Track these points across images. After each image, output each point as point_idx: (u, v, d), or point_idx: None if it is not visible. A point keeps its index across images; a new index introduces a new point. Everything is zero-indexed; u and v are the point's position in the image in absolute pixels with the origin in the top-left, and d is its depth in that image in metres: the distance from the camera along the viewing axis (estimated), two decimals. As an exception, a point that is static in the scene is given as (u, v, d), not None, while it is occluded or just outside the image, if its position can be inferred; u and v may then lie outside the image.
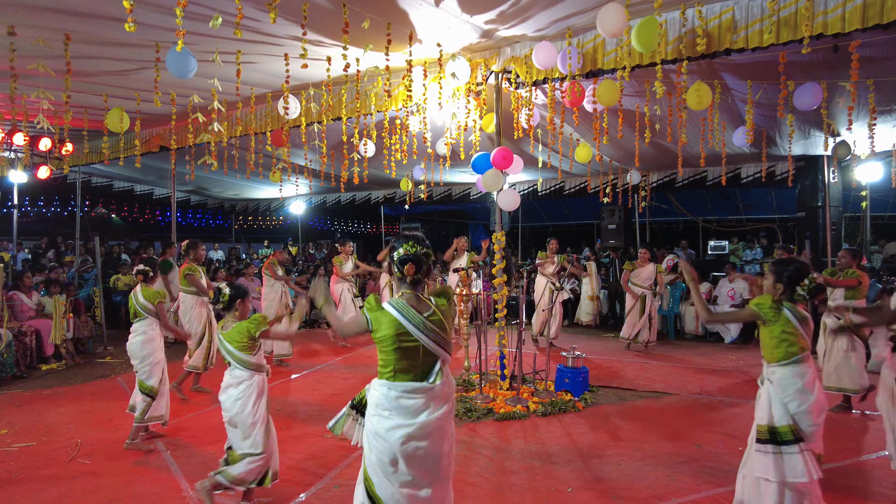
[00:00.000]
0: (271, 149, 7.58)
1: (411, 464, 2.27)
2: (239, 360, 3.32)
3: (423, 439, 2.27)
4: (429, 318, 2.34)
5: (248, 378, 3.32)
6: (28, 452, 4.30)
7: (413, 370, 2.33)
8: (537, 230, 18.21)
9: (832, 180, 8.51)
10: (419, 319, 2.32)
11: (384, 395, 2.33)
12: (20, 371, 6.73)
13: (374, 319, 2.35)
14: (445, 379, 2.37)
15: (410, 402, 2.30)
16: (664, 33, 4.39)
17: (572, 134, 7.67)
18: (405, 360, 2.32)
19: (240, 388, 3.30)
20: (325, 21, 4.58)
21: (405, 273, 2.38)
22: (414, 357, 2.32)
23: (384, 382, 2.35)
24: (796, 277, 2.81)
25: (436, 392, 2.33)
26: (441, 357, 2.37)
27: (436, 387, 2.33)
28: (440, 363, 2.37)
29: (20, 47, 4.59)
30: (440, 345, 2.35)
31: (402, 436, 2.26)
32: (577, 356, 5.73)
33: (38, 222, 15.08)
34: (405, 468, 2.27)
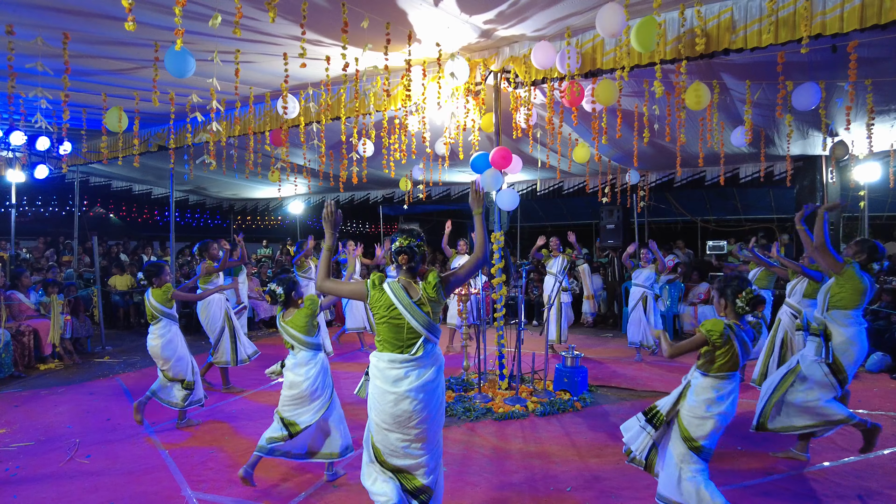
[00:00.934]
0: (270, 148, 7.58)
1: (397, 423, 2.66)
2: (302, 342, 3.62)
3: (406, 404, 2.63)
4: (416, 302, 2.68)
5: (313, 357, 3.65)
6: (26, 452, 4.30)
7: (398, 343, 2.69)
8: (536, 230, 18.19)
9: (830, 180, 8.53)
10: (408, 301, 2.67)
11: (374, 364, 2.75)
12: (18, 371, 6.72)
13: (372, 295, 2.75)
14: (427, 353, 2.69)
15: (393, 371, 2.67)
16: (663, 33, 4.39)
17: (571, 134, 7.67)
18: (391, 334, 2.69)
19: (308, 367, 3.62)
20: (324, 20, 4.58)
21: (400, 262, 2.77)
22: (399, 333, 2.68)
23: (376, 353, 2.77)
24: (736, 291, 2.97)
25: (416, 364, 2.67)
26: (423, 335, 2.68)
27: (416, 359, 2.67)
28: (422, 340, 2.69)
29: (18, 46, 4.58)
30: (423, 325, 2.67)
31: (388, 401, 2.65)
32: (576, 356, 5.73)
33: (37, 222, 15.03)
34: (393, 426, 2.67)
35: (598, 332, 9.84)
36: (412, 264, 2.76)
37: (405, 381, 2.65)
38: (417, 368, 2.67)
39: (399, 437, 2.69)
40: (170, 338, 4.68)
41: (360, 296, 2.81)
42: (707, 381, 2.98)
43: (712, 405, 2.92)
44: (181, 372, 4.71)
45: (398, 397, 2.64)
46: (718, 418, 2.91)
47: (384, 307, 2.69)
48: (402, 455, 2.70)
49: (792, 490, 3.60)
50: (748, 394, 5.59)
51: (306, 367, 3.62)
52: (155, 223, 17.10)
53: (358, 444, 3.52)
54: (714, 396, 2.93)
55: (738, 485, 3.67)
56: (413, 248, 2.76)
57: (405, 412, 2.64)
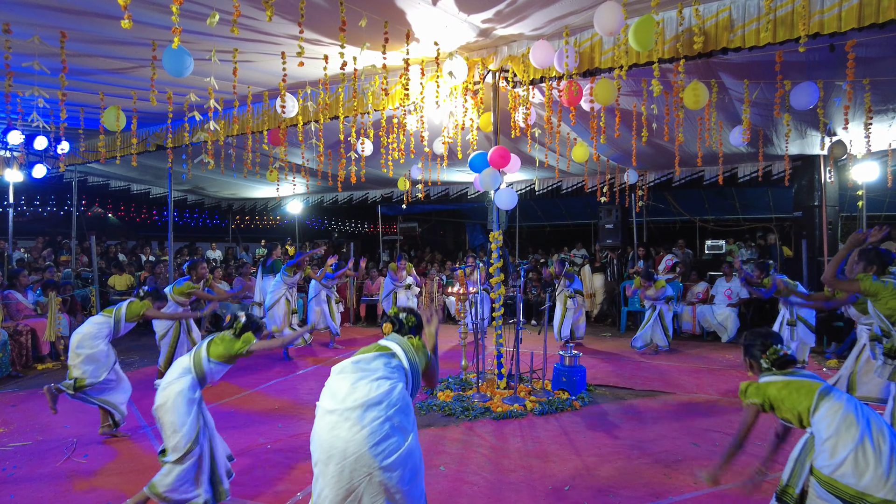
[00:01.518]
0: (268, 148, 7.58)
1: (325, 463, 2.29)
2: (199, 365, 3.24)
3: (324, 430, 2.33)
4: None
5: (192, 381, 3.22)
6: (23, 452, 4.29)
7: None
8: (535, 230, 18.20)
9: (829, 180, 8.53)
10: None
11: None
12: (16, 370, 6.71)
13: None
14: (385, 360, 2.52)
15: (342, 382, 2.40)
16: (661, 32, 4.40)
17: (569, 133, 7.67)
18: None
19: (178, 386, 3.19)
20: (323, 19, 4.57)
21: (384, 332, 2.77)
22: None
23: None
24: (762, 349, 2.69)
25: (375, 365, 2.47)
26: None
27: (377, 358, 2.50)
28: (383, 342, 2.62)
29: (15, 45, 4.57)
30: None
31: (327, 422, 2.32)
32: (574, 355, 5.73)
33: (35, 222, 15.00)
34: (320, 468, 2.34)
35: (597, 331, 9.85)
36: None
37: (357, 392, 2.35)
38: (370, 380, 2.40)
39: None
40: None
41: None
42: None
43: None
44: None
45: (340, 415, 2.32)
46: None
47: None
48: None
49: (790, 489, 3.59)
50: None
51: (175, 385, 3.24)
52: (153, 223, 17.07)
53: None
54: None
55: (735, 484, 3.67)
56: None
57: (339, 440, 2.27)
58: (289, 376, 6.67)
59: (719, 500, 3.46)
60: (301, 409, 5.32)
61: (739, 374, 6.65)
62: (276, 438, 4.55)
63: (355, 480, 2.14)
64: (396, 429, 2.24)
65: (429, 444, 4.40)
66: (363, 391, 2.29)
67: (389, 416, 2.24)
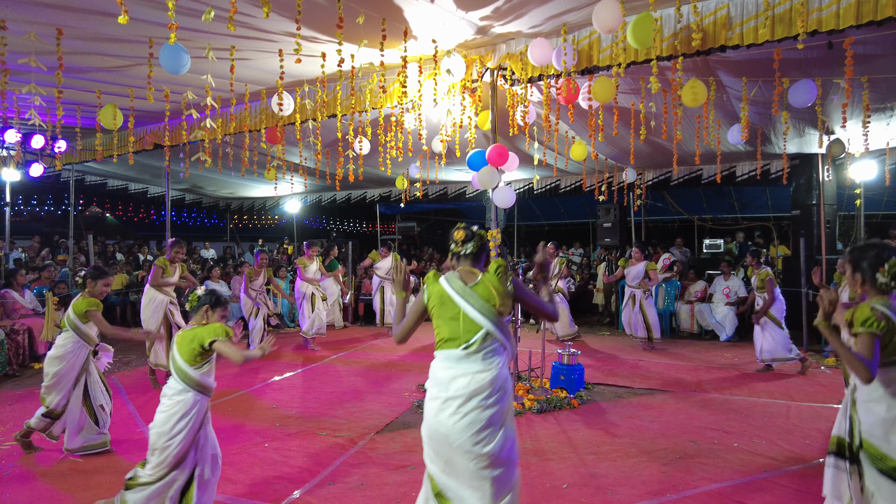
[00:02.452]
0: (266, 146, 7.56)
1: (434, 442, 2.27)
2: (179, 370, 2.97)
3: (444, 416, 2.23)
4: (473, 288, 2.35)
5: (180, 394, 2.95)
6: (20, 450, 4.26)
7: (455, 339, 2.33)
8: (533, 229, 18.21)
9: (827, 178, 8.54)
10: (462, 287, 2.36)
11: (432, 366, 2.40)
12: (12, 370, 6.69)
13: (428, 291, 2.44)
14: (487, 352, 2.30)
15: (445, 372, 2.30)
16: (659, 29, 4.39)
17: (568, 131, 7.67)
18: (447, 329, 2.35)
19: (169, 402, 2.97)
20: (320, 16, 4.56)
21: (455, 239, 2.46)
22: (455, 325, 2.33)
23: (436, 353, 2.40)
24: (875, 263, 2.38)
25: (471, 363, 2.28)
26: (484, 326, 2.30)
27: (472, 354, 2.29)
28: (483, 332, 2.30)
29: (11, 42, 4.55)
30: (483, 313, 2.30)
31: (434, 408, 2.27)
32: (573, 353, 5.73)
33: (32, 221, 14.99)
34: (432, 450, 2.29)
35: (595, 330, 9.85)
36: (468, 247, 2.43)
37: (453, 384, 2.27)
38: (474, 369, 2.29)
39: (442, 467, 2.28)
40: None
41: (420, 304, 2.48)
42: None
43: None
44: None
45: (441, 404, 2.27)
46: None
47: (437, 300, 2.40)
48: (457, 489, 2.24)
49: (788, 487, 3.60)
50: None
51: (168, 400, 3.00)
52: (151, 222, 17.07)
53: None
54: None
55: (736, 481, 3.67)
56: (473, 231, 2.46)
57: (443, 426, 2.25)
58: (286, 375, 6.66)
59: (718, 498, 3.46)
60: (298, 408, 5.31)
61: (738, 372, 6.65)
62: (272, 437, 4.53)
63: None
64: (495, 417, 2.25)
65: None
66: (463, 382, 2.27)
67: (488, 405, 2.24)
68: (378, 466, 3.94)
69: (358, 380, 6.42)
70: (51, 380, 4.11)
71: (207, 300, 3.09)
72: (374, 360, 7.48)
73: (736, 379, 6.36)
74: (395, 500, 3.45)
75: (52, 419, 4.15)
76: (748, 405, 5.35)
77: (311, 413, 5.16)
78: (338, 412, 5.16)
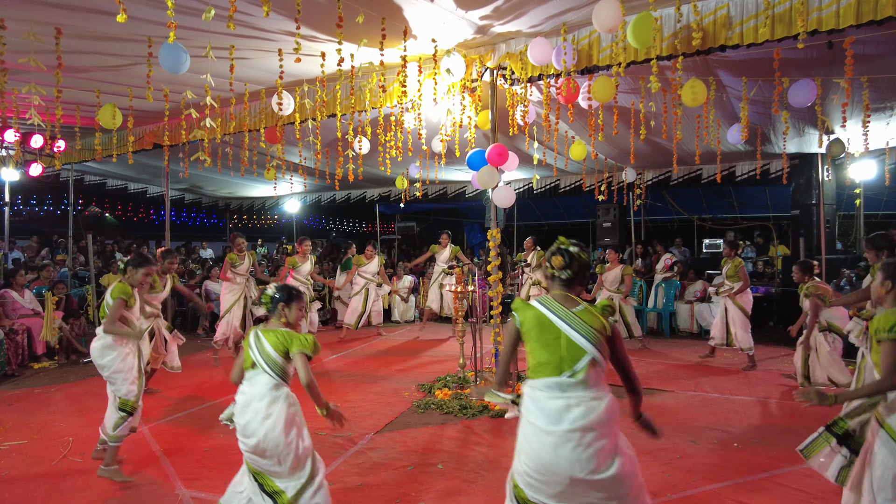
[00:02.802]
0: (265, 146, 7.55)
1: (555, 479, 2.08)
2: (273, 362, 2.81)
3: (565, 451, 2.06)
4: (576, 313, 2.21)
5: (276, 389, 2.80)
6: (19, 451, 4.26)
7: (555, 364, 2.17)
8: (533, 229, 18.19)
9: (826, 178, 8.54)
10: (563, 311, 2.22)
11: (528, 395, 2.22)
12: (12, 370, 6.68)
13: (520, 316, 2.30)
14: (595, 379, 2.17)
15: (553, 402, 2.13)
16: (659, 29, 4.39)
17: (567, 131, 7.66)
18: (545, 352, 2.19)
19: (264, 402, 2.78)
20: (319, 16, 4.55)
21: (553, 265, 2.31)
22: (555, 349, 2.18)
23: (530, 381, 2.24)
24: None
25: (582, 391, 2.14)
26: (589, 353, 2.16)
27: (580, 383, 2.14)
28: (588, 359, 2.16)
29: (10, 41, 4.54)
30: (588, 339, 2.16)
31: (547, 444, 2.09)
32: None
33: (31, 221, 14.98)
34: (550, 483, 2.10)
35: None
36: (567, 273, 2.28)
37: (567, 418, 2.10)
38: (586, 398, 2.14)
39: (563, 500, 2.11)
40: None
41: (513, 332, 2.34)
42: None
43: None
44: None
45: (556, 439, 2.09)
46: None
47: (533, 322, 2.25)
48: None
49: (787, 486, 3.59)
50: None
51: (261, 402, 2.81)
52: (150, 222, 17.07)
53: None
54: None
55: (736, 481, 3.67)
56: (572, 254, 2.28)
57: (565, 461, 2.07)
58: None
59: (718, 497, 3.45)
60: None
61: (737, 372, 6.65)
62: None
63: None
64: (611, 443, 2.16)
65: (426, 443, 4.39)
66: (579, 412, 2.14)
67: (608, 433, 2.15)
68: (378, 466, 3.93)
69: (358, 380, 6.41)
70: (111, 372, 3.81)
71: (281, 297, 2.89)
72: (374, 360, 7.48)
73: (736, 379, 6.35)
74: (394, 500, 3.45)
75: (128, 413, 3.78)
76: (748, 405, 5.34)
77: (311, 413, 5.14)
78: (337, 412, 5.15)
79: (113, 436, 3.73)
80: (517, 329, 2.32)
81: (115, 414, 3.79)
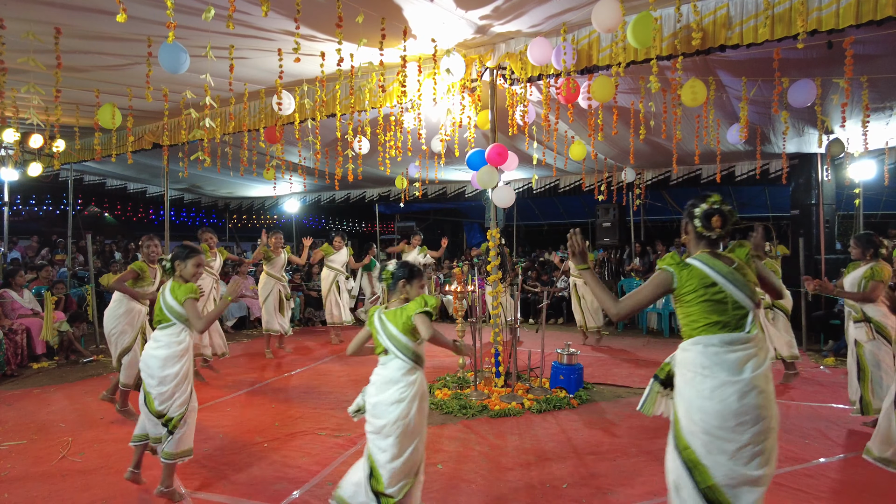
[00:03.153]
0: (265, 146, 7.55)
1: (741, 427, 2.15)
2: (402, 346, 2.78)
3: (751, 398, 2.16)
4: (735, 269, 2.29)
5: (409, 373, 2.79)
6: (19, 451, 4.26)
7: (725, 323, 2.25)
8: (532, 228, 18.21)
9: (826, 178, 8.54)
10: (726, 270, 2.28)
11: (700, 353, 2.26)
12: (11, 370, 6.67)
13: (678, 274, 2.32)
14: (759, 330, 2.28)
15: (732, 355, 2.21)
16: (659, 29, 4.39)
17: (567, 131, 7.66)
18: (715, 314, 2.26)
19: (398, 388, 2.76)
20: (319, 15, 4.55)
21: (712, 225, 2.35)
22: (723, 310, 2.25)
23: (697, 339, 2.28)
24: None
25: (756, 342, 2.24)
26: (751, 309, 2.27)
27: (754, 336, 2.24)
28: (751, 314, 2.27)
29: (9, 41, 4.54)
30: (748, 296, 2.27)
31: (732, 393, 2.16)
32: (572, 353, 5.72)
33: (31, 221, 14.96)
34: (733, 432, 2.15)
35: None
36: (724, 231, 2.37)
37: (748, 367, 2.19)
38: (759, 348, 2.24)
39: (739, 448, 2.15)
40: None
41: (663, 287, 2.36)
42: None
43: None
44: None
45: (743, 387, 2.16)
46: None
47: (697, 284, 2.28)
48: (745, 480, 2.14)
49: (786, 486, 3.59)
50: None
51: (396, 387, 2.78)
52: (150, 222, 17.05)
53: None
54: None
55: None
56: (727, 212, 2.38)
57: (752, 408, 2.15)
58: (284, 374, 6.66)
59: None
60: (296, 407, 5.30)
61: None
62: (272, 437, 4.53)
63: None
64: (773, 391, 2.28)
65: (426, 443, 4.37)
66: (755, 363, 2.23)
67: (770, 379, 2.28)
68: (377, 466, 3.93)
69: (358, 379, 6.41)
70: (171, 386, 3.42)
71: (402, 273, 2.88)
72: (373, 360, 7.46)
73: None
74: (394, 500, 3.44)
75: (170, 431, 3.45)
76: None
77: (310, 413, 5.15)
78: (337, 412, 5.15)
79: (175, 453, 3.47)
80: (671, 288, 2.35)
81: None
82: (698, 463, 2.20)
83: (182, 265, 3.57)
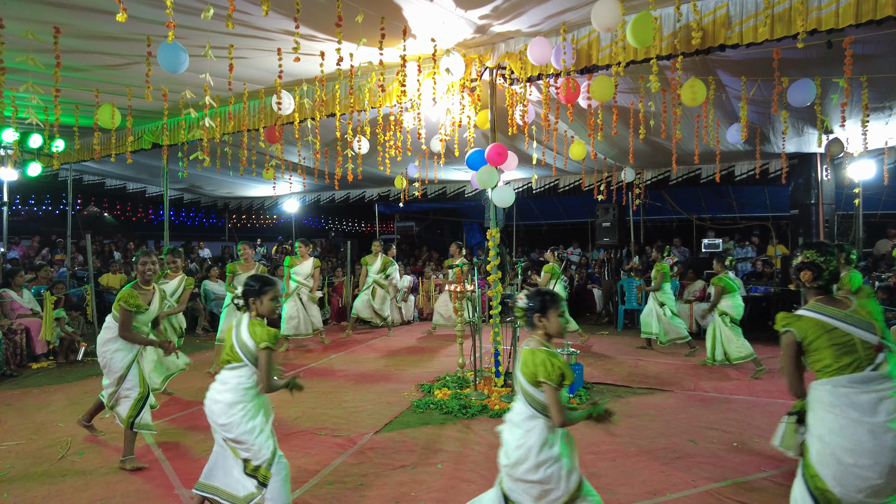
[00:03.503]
0: (264, 145, 7.54)
1: (877, 466, 2.18)
2: (525, 393, 2.50)
3: (887, 440, 2.18)
4: (852, 313, 2.34)
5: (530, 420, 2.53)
6: (18, 451, 4.26)
7: (855, 363, 2.30)
8: (532, 228, 18.20)
9: (825, 178, 8.54)
10: (842, 314, 2.34)
11: (829, 392, 2.32)
12: (10, 370, 6.67)
13: (796, 328, 2.40)
14: (891, 366, 2.30)
15: (864, 396, 2.25)
16: (658, 28, 4.39)
17: (567, 131, 7.66)
18: (845, 356, 2.31)
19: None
20: (319, 15, 4.55)
21: (801, 280, 2.46)
22: (852, 350, 2.30)
23: (827, 380, 2.33)
24: None
25: (887, 383, 2.26)
26: (877, 346, 2.31)
27: (886, 376, 2.26)
28: (883, 355, 2.30)
29: (8, 40, 4.53)
30: (872, 332, 2.31)
31: (865, 433, 2.20)
32: (572, 353, 5.72)
33: (30, 221, 14.94)
34: (870, 471, 2.19)
35: (595, 329, 9.84)
36: (819, 282, 2.43)
37: (882, 410, 2.22)
38: (893, 395, 2.25)
39: (871, 487, 2.18)
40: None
41: (792, 349, 2.42)
42: None
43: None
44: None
45: (876, 428, 2.20)
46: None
47: (819, 332, 2.35)
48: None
49: (787, 486, 3.58)
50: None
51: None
52: (149, 222, 17.03)
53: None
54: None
55: (731, 480, 3.67)
56: (819, 264, 2.42)
57: (889, 450, 2.17)
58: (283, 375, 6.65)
59: (717, 497, 3.45)
60: (297, 408, 5.30)
61: (736, 371, 6.65)
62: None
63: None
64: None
65: (426, 442, 4.39)
66: (891, 405, 2.26)
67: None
68: (378, 466, 3.93)
69: (357, 380, 6.41)
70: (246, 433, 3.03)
71: (536, 305, 2.51)
72: (373, 360, 7.47)
73: (736, 379, 6.36)
74: (394, 500, 3.44)
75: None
76: (748, 405, 5.34)
77: (310, 413, 5.14)
78: (337, 412, 5.15)
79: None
80: (797, 342, 2.42)
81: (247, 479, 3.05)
82: (826, 491, 2.28)
83: (258, 302, 3.01)
